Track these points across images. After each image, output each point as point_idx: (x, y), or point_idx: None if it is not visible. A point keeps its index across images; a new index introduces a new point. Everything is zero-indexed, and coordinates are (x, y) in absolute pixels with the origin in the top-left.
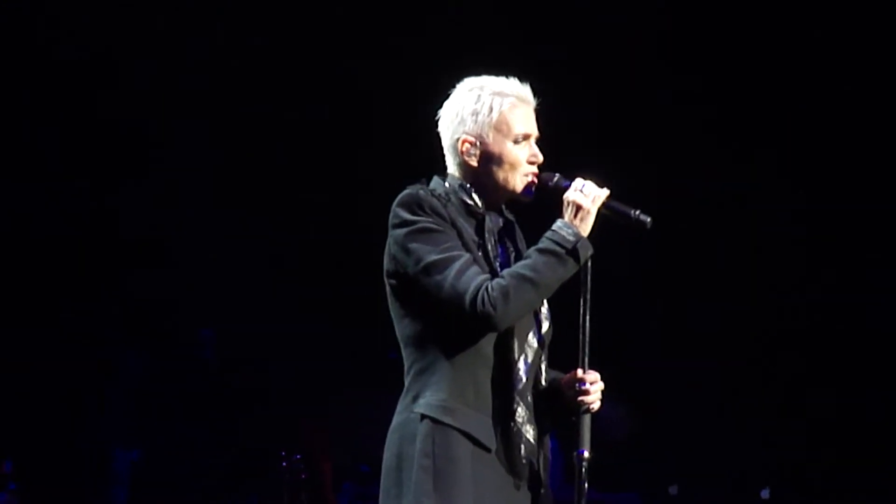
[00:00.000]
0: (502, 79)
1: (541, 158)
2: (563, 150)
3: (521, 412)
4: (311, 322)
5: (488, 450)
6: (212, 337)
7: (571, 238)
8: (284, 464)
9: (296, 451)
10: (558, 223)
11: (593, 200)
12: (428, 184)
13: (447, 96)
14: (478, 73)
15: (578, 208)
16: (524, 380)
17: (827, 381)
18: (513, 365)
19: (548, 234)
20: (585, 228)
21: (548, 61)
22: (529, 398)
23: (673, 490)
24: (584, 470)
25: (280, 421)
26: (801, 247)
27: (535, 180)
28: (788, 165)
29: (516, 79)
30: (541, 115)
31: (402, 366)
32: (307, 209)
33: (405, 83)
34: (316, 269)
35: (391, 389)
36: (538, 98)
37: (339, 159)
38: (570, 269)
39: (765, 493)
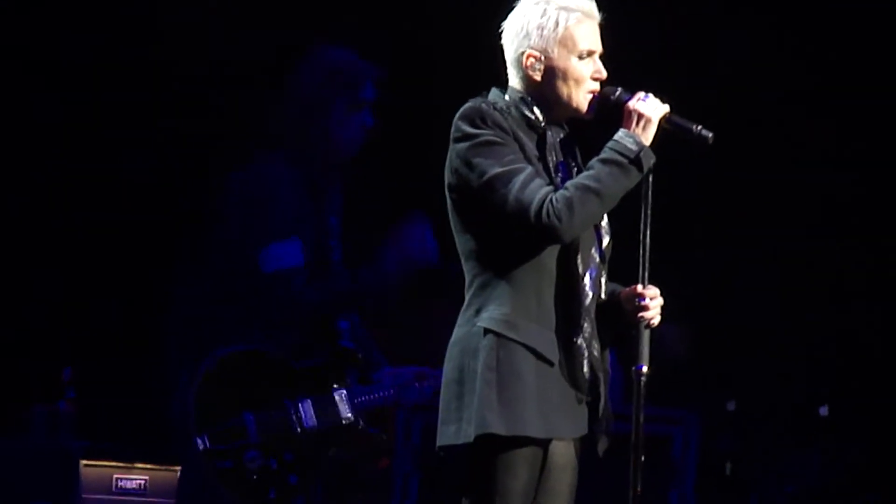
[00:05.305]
0: None
1: (604, 74)
2: (625, 68)
3: (585, 327)
4: None
5: (551, 364)
6: None
7: (634, 147)
8: None
9: None
10: (620, 133)
11: (655, 110)
12: (487, 96)
13: (512, 8)
14: None
15: (640, 117)
16: (590, 295)
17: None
18: (577, 279)
19: (610, 143)
20: (647, 137)
21: None
22: (593, 313)
23: (730, 406)
24: (642, 385)
25: None
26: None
27: (597, 95)
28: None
29: None
30: (605, 30)
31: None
32: None
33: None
34: None
35: None
36: (603, 13)
37: None
38: (634, 178)
39: (823, 410)
